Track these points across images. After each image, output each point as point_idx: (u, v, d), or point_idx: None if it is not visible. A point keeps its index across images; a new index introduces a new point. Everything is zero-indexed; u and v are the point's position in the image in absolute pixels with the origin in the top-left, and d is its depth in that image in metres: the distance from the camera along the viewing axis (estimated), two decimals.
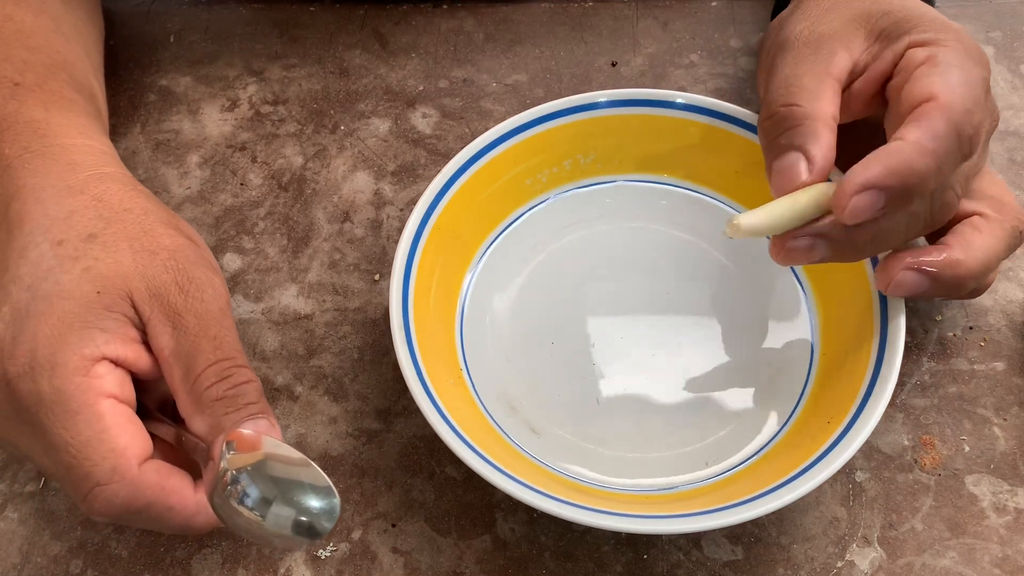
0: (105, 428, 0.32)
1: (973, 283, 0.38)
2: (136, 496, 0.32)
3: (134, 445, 0.33)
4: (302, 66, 0.54)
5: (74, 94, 0.42)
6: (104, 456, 0.32)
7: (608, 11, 0.56)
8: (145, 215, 0.37)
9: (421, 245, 0.41)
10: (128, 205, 0.37)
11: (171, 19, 0.57)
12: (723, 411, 0.41)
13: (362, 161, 0.51)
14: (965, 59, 0.36)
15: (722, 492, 0.37)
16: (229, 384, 0.34)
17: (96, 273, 0.34)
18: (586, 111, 0.45)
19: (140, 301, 0.34)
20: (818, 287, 0.43)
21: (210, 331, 0.35)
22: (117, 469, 0.32)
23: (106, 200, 0.37)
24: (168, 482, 0.33)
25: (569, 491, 0.36)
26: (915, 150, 0.33)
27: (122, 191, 0.37)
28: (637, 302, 0.44)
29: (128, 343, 0.34)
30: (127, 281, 0.34)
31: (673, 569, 0.38)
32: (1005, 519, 0.39)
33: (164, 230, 0.36)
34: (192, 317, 0.34)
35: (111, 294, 0.34)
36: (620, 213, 0.47)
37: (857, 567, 0.38)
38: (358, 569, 0.38)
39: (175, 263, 0.35)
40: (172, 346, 0.34)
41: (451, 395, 0.39)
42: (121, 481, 0.32)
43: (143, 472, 0.32)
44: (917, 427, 0.41)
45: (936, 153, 0.33)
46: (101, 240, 0.35)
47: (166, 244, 0.36)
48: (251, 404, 0.34)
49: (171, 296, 0.35)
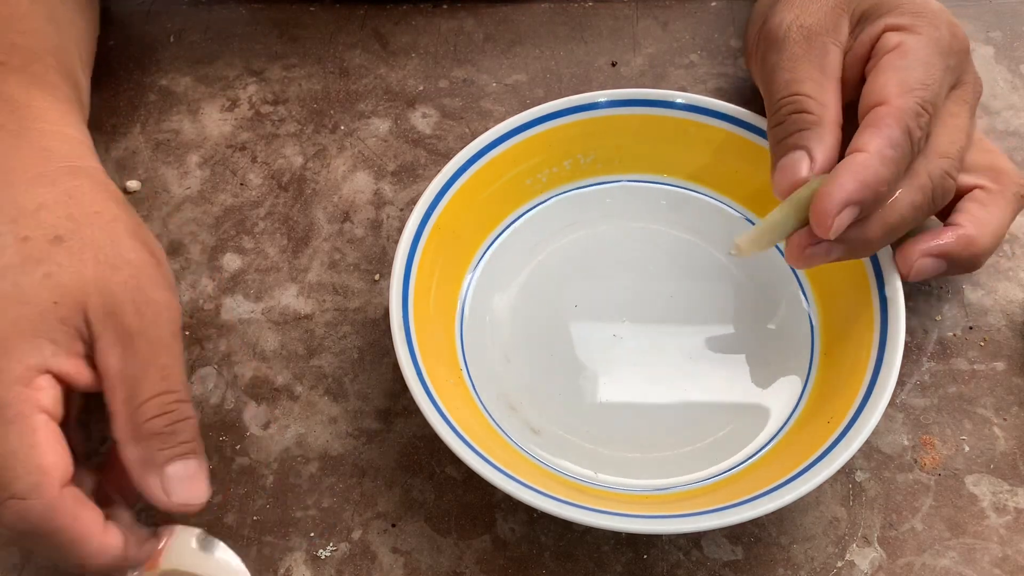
0: (35, 443, 0.32)
1: (988, 256, 0.39)
2: (49, 519, 0.32)
3: (60, 466, 0.32)
4: (302, 66, 0.54)
5: (59, 79, 0.42)
6: (28, 471, 0.31)
7: (608, 11, 0.56)
8: (113, 222, 0.36)
9: (421, 245, 0.41)
10: (98, 207, 0.37)
11: (171, 19, 0.57)
12: (723, 411, 0.41)
13: (362, 161, 0.51)
14: (932, 51, 0.37)
15: (722, 492, 0.37)
16: (169, 420, 0.34)
17: (57, 281, 0.34)
18: (586, 111, 0.45)
19: (94, 317, 0.34)
20: (818, 287, 0.43)
21: (160, 359, 0.35)
22: (39, 486, 0.31)
23: (77, 198, 0.36)
24: (81, 514, 0.33)
25: (569, 491, 0.37)
26: (879, 161, 0.34)
27: (93, 190, 0.37)
28: (637, 302, 0.44)
29: (72, 357, 0.34)
30: (85, 294, 0.34)
31: (673, 569, 0.38)
32: (1005, 519, 0.39)
33: (130, 242, 0.36)
34: (144, 342, 0.34)
35: (67, 306, 0.34)
36: (620, 213, 0.47)
37: (857, 567, 0.38)
38: (358, 569, 0.38)
39: (136, 282, 0.35)
40: (119, 367, 0.34)
41: (451, 395, 0.39)
42: (39, 499, 0.31)
43: (63, 496, 0.32)
44: (917, 427, 0.41)
45: (895, 159, 0.35)
46: (67, 245, 0.35)
47: (130, 259, 0.36)
48: (184, 443, 0.35)
49: (127, 317, 0.34)
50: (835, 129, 0.37)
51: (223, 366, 0.44)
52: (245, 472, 0.41)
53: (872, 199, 0.35)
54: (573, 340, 0.43)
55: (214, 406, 0.43)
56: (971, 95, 0.39)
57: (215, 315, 0.45)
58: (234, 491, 0.40)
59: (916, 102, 0.35)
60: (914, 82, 0.36)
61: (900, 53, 0.37)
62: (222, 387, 0.43)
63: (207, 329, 0.45)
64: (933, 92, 0.36)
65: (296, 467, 0.41)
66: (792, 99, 0.38)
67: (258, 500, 0.40)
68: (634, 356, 0.43)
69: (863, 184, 0.34)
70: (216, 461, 0.41)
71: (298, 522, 0.40)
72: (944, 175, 0.37)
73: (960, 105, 0.38)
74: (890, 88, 0.36)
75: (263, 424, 0.42)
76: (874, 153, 0.34)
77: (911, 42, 0.37)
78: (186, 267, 0.47)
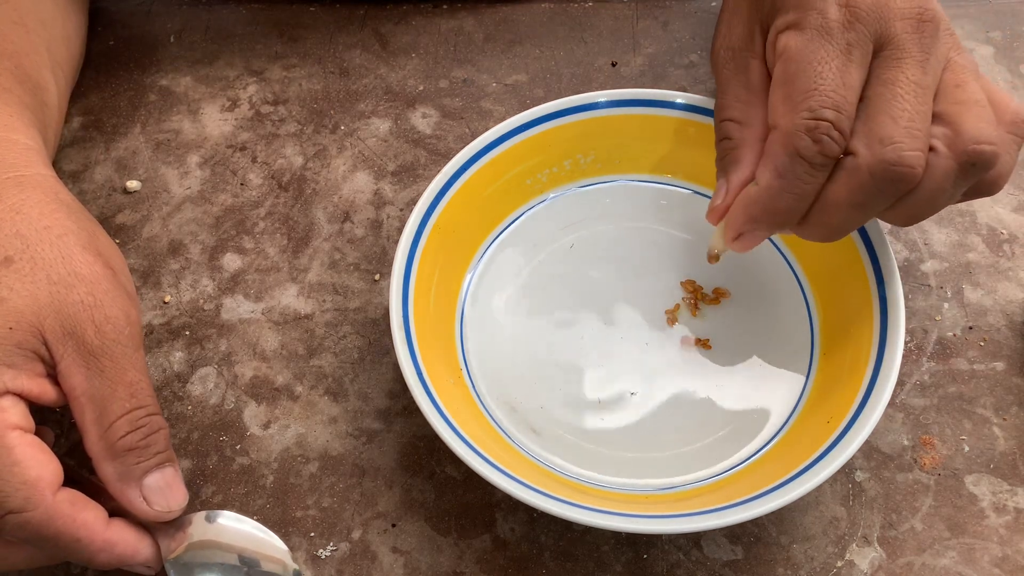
0: (16, 461, 0.32)
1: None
2: (48, 525, 0.32)
3: (46, 475, 0.33)
4: (302, 66, 0.54)
5: (12, 83, 0.41)
6: (16, 488, 0.32)
7: (608, 11, 0.56)
8: (63, 236, 0.36)
9: (421, 245, 0.41)
10: (47, 222, 0.36)
11: (171, 19, 0.57)
12: (723, 411, 0.41)
13: (362, 161, 0.51)
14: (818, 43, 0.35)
15: (722, 492, 0.37)
16: (142, 435, 0.35)
17: (10, 307, 0.33)
18: (586, 111, 0.45)
19: (53, 339, 0.34)
20: (818, 288, 0.43)
21: (126, 376, 0.35)
22: (30, 499, 0.32)
23: (24, 212, 0.36)
24: (80, 515, 0.33)
25: (569, 491, 0.37)
26: (767, 194, 0.35)
27: (42, 202, 0.36)
28: (637, 302, 0.44)
29: (34, 378, 0.34)
30: (41, 318, 0.34)
31: (673, 569, 0.38)
32: (1005, 519, 0.39)
33: (82, 256, 0.36)
34: (108, 360, 0.34)
35: (23, 331, 0.33)
36: (620, 213, 0.47)
37: (857, 567, 0.38)
38: (358, 569, 0.38)
39: (92, 298, 0.35)
40: (85, 387, 0.34)
41: (451, 395, 0.39)
42: (35, 510, 0.32)
43: (57, 502, 0.33)
44: (917, 427, 0.41)
45: (784, 187, 0.35)
46: (16, 267, 0.34)
47: (84, 274, 0.35)
48: (159, 453, 0.35)
49: (87, 336, 0.34)
50: (756, 146, 0.38)
51: (223, 366, 0.44)
52: (245, 472, 0.41)
53: (771, 224, 0.36)
54: (573, 340, 0.43)
55: (214, 406, 0.43)
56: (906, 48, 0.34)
57: (215, 315, 0.45)
58: (234, 491, 0.40)
59: (805, 117, 0.34)
60: (800, 93, 0.34)
61: (784, 61, 0.36)
62: (222, 387, 0.43)
63: (207, 329, 0.45)
64: (829, 90, 0.34)
65: (296, 467, 0.41)
66: (719, 127, 0.39)
67: (258, 500, 0.40)
68: (634, 356, 0.43)
69: (750, 216, 0.36)
70: (216, 461, 0.41)
71: (298, 522, 0.40)
72: (887, 166, 0.33)
73: (892, 70, 0.34)
74: (777, 110, 0.35)
75: (263, 424, 0.42)
76: (762, 187, 0.35)
77: (793, 43, 0.35)
78: (186, 267, 0.47)
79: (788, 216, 0.36)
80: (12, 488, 0.32)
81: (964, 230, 0.47)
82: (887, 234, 0.42)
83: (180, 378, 0.44)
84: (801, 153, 0.34)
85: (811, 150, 0.34)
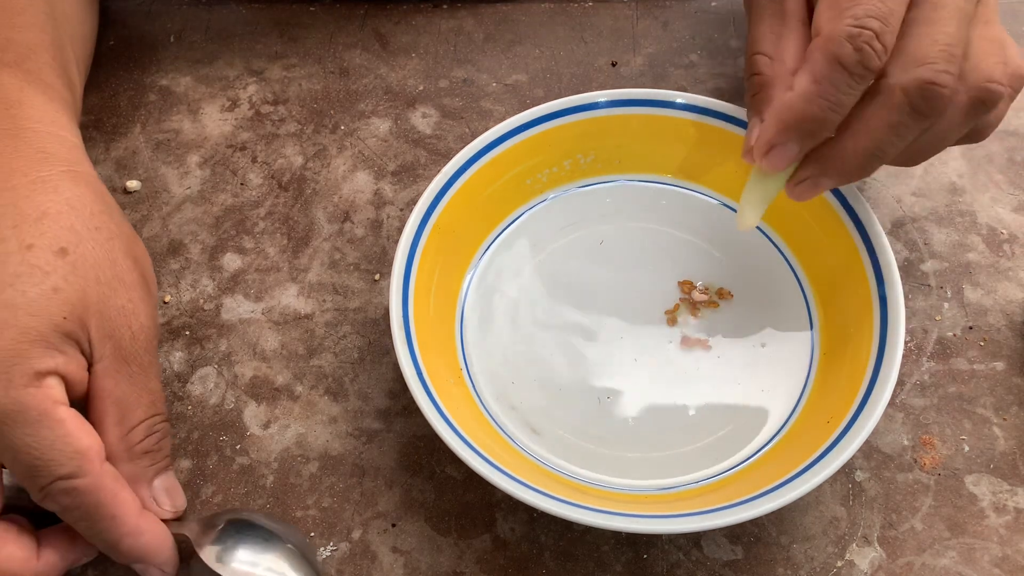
0: (68, 432, 0.33)
1: None
2: (92, 493, 0.33)
3: (95, 445, 0.34)
4: (302, 66, 0.54)
5: (54, 79, 0.41)
6: (70, 456, 0.33)
7: (608, 11, 0.56)
8: (112, 240, 0.37)
9: (421, 245, 0.42)
10: (97, 222, 0.37)
11: (171, 19, 0.57)
12: (723, 411, 0.41)
13: (362, 161, 0.51)
14: None
15: (722, 492, 0.37)
16: (156, 439, 0.37)
17: (65, 298, 0.34)
18: (586, 111, 0.45)
19: (95, 338, 0.35)
20: (818, 287, 0.43)
21: (150, 383, 0.36)
22: (82, 467, 0.33)
23: (79, 209, 0.37)
24: (120, 493, 0.35)
25: (569, 491, 0.37)
26: (802, 99, 0.34)
27: (93, 202, 0.37)
28: (637, 302, 0.44)
29: (75, 367, 0.35)
30: (88, 315, 0.35)
31: (673, 569, 0.38)
32: (1005, 519, 0.39)
33: (124, 262, 0.37)
34: (137, 367, 0.36)
35: (74, 322, 0.34)
36: (620, 213, 0.47)
37: (857, 567, 0.38)
38: (358, 569, 0.38)
39: (132, 307, 0.36)
40: (112, 389, 0.35)
41: (451, 395, 0.39)
42: (85, 477, 0.33)
43: (104, 472, 0.34)
44: (917, 427, 0.41)
45: (821, 92, 0.34)
46: (71, 260, 0.35)
47: (126, 280, 0.37)
48: (166, 458, 0.37)
49: (123, 341, 0.36)
50: (788, 82, 0.37)
51: (223, 366, 0.44)
52: (245, 472, 0.41)
53: (803, 135, 0.35)
54: (573, 340, 0.43)
55: (214, 406, 0.43)
56: None
57: (215, 315, 0.45)
58: (234, 491, 0.40)
59: (849, 23, 0.33)
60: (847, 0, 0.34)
61: None
62: (222, 387, 0.43)
63: (207, 329, 0.45)
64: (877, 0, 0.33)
65: (296, 467, 0.41)
66: (750, 60, 0.39)
67: (258, 500, 0.40)
68: (634, 356, 0.43)
69: (784, 125, 0.35)
70: (216, 461, 0.41)
71: (298, 522, 0.40)
72: (923, 84, 0.33)
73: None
74: (822, 15, 0.35)
75: (263, 424, 0.42)
76: (797, 93, 0.35)
77: None
78: (186, 267, 0.47)
79: (820, 126, 0.35)
80: (65, 457, 0.33)
81: (964, 230, 0.47)
82: (887, 234, 0.42)
83: (180, 378, 0.44)
84: (842, 60, 0.33)
85: (852, 58, 0.33)
